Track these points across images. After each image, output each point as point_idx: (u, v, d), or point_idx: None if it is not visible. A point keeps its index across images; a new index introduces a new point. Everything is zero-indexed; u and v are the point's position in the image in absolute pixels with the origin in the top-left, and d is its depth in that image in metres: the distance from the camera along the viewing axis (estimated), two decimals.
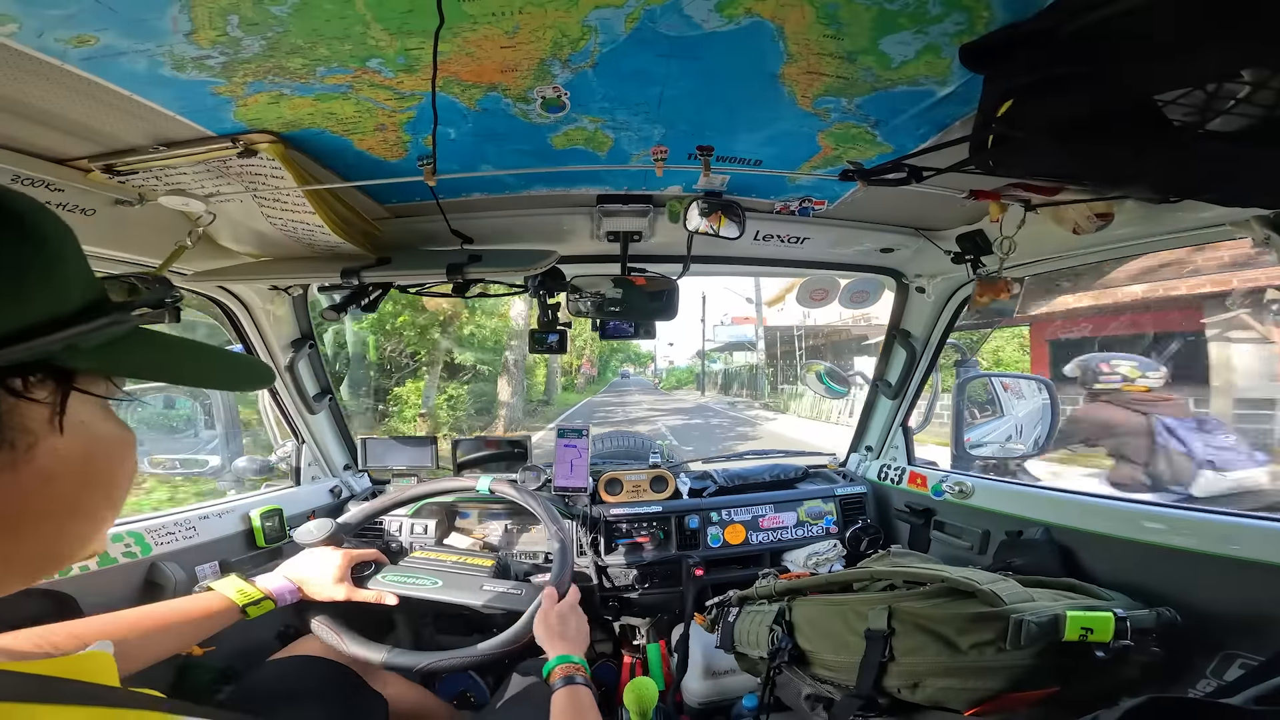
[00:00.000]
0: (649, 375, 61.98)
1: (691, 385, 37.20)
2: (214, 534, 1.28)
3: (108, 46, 0.59)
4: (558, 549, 1.17)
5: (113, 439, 0.37)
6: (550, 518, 1.23)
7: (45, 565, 0.36)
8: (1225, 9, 0.52)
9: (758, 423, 15.17)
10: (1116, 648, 0.74)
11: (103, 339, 0.34)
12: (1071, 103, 0.65)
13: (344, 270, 1.17)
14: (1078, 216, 1.05)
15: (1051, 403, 1.86)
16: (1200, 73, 0.60)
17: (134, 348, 0.37)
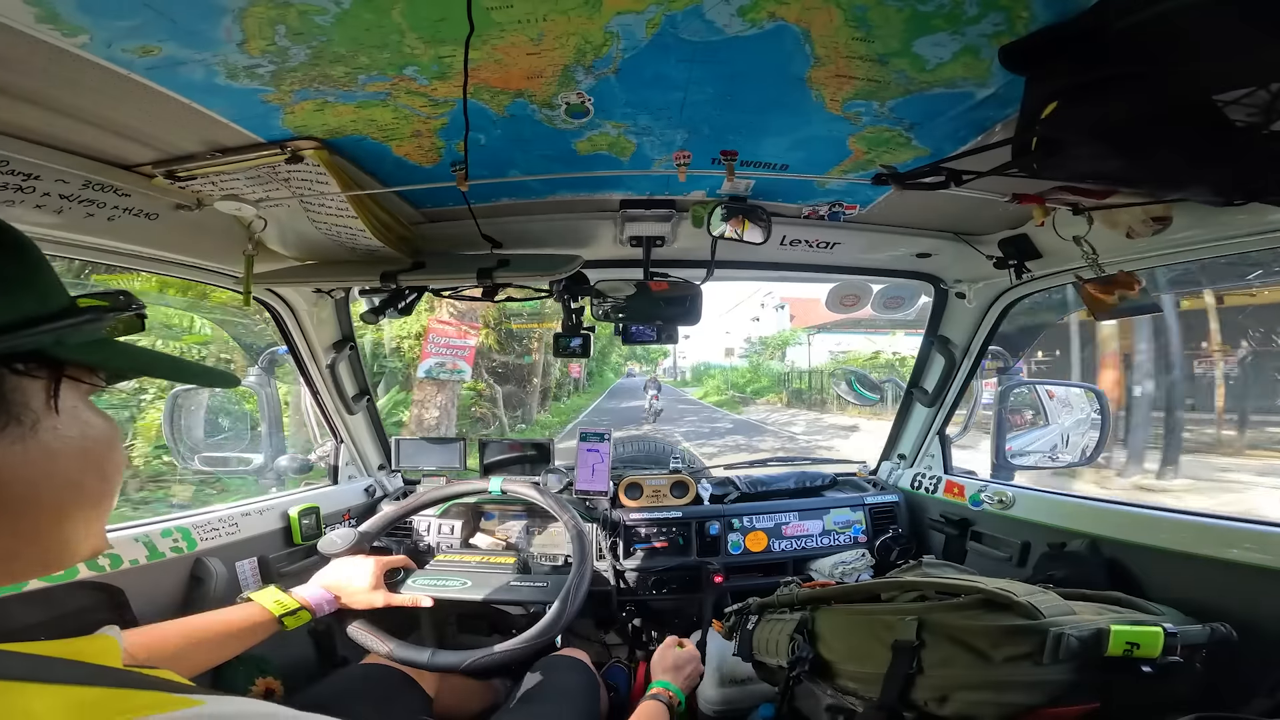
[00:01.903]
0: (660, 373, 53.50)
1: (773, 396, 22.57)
2: (254, 530, 1.33)
3: (169, 56, 0.63)
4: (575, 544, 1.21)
5: (101, 427, 0.43)
6: (559, 507, 1.26)
7: (56, 552, 0.40)
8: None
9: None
10: (1164, 664, 0.70)
11: (84, 337, 0.40)
12: (1121, 104, 0.63)
13: (383, 274, 1.22)
14: (1132, 220, 0.99)
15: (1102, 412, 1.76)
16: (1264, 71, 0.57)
17: (112, 348, 0.43)
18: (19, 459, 0.36)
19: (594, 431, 1.69)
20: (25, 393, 0.37)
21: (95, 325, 0.41)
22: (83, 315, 0.40)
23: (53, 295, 0.40)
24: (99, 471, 0.42)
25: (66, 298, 0.41)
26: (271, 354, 1.68)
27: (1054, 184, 0.97)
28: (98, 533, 0.43)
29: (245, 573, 1.28)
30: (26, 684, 0.30)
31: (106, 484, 0.43)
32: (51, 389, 0.38)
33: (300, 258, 1.31)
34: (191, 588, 1.15)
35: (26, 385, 0.37)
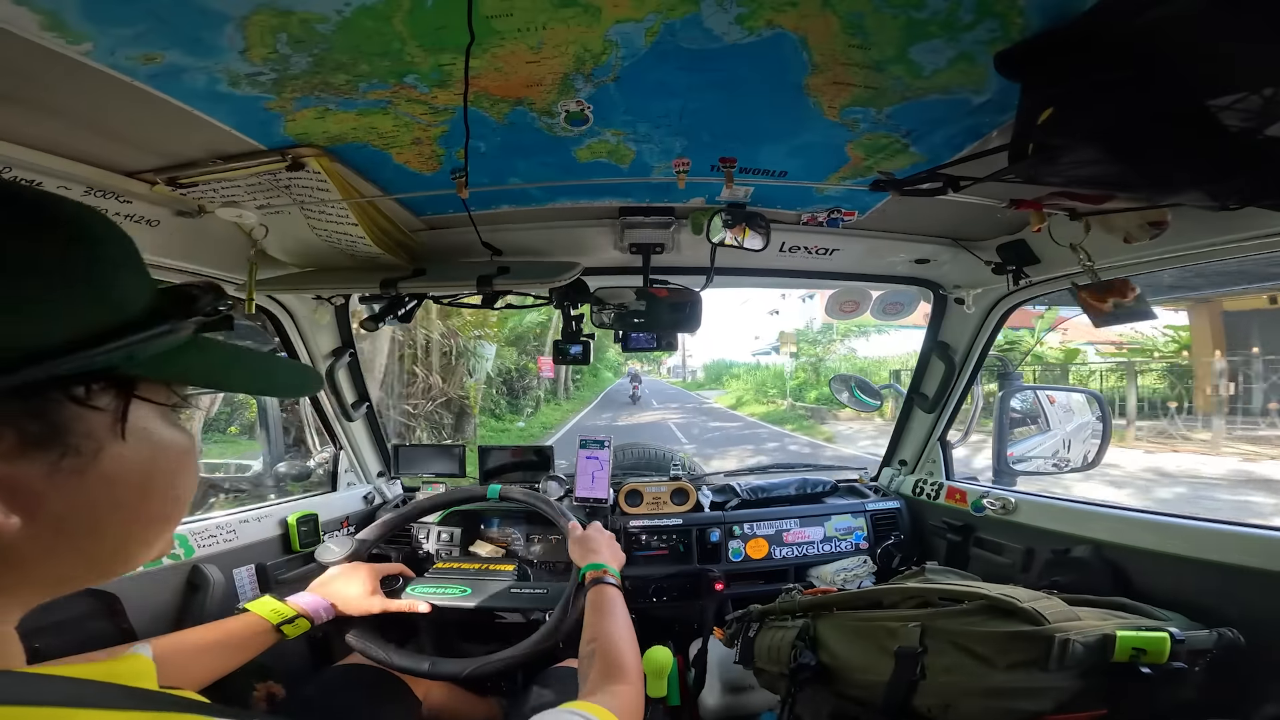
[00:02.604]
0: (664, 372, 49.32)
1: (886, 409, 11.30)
2: (252, 537, 1.33)
3: (172, 64, 0.64)
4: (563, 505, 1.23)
5: (174, 445, 0.37)
6: (558, 512, 1.26)
7: (114, 567, 0.37)
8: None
9: None
10: (1171, 669, 0.70)
11: (161, 347, 0.34)
12: (1116, 110, 0.63)
13: (383, 281, 1.22)
14: (1129, 225, 1.00)
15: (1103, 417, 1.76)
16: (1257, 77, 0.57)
17: (191, 355, 0.37)
18: (76, 490, 0.32)
19: (594, 439, 1.69)
20: (87, 420, 0.32)
21: (176, 336, 0.34)
22: (160, 326, 0.33)
23: (129, 299, 0.33)
24: (169, 492, 0.38)
25: (145, 300, 0.35)
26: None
27: (1051, 189, 0.98)
28: (164, 543, 0.40)
29: (243, 580, 1.28)
30: (71, 710, 0.29)
31: (178, 502, 0.39)
32: (120, 412, 0.33)
33: (301, 264, 1.32)
34: (188, 595, 1.15)
35: (88, 413, 0.32)
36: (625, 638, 0.85)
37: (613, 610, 0.91)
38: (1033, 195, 1.01)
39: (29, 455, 0.30)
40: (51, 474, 0.31)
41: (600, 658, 0.78)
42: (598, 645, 0.81)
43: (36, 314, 0.29)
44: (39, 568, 0.32)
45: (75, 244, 0.31)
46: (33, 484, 0.30)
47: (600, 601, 0.93)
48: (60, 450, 0.31)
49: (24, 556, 0.31)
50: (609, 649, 0.80)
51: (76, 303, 0.31)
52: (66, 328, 0.30)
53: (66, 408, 0.31)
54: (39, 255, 0.30)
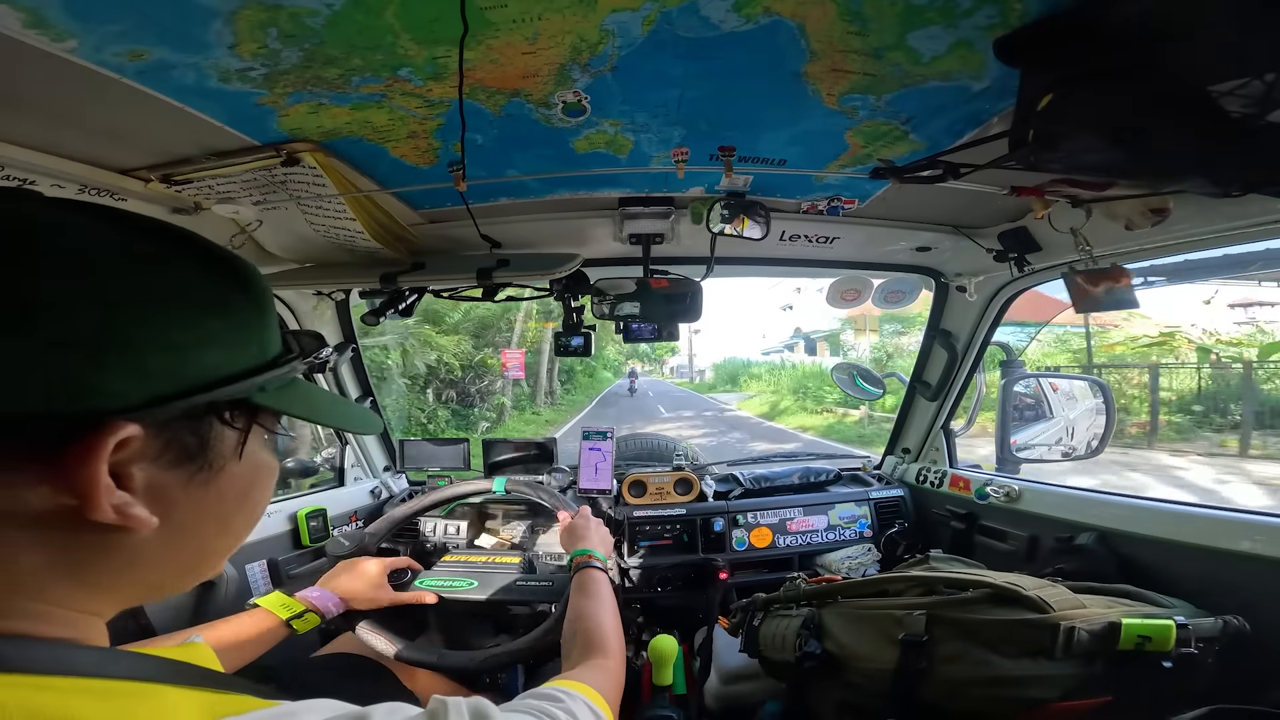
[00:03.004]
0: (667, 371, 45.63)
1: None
2: (263, 533, 1.34)
3: (160, 60, 0.63)
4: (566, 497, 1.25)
5: (267, 467, 0.43)
6: (561, 503, 1.27)
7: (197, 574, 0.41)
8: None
9: None
10: (1177, 656, 0.71)
11: (279, 383, 0.40)
12: (1116, 96, 0.62)
13: (383, 275, 1.22)
14: (1130, 212, 0.99)
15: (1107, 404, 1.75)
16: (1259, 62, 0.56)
17: (295, 391, 0.43)
18: (198, 500, 0.37)
19: (596, 430, 1.70)
20: (224, 439, 0.37)
21: (294, 373, 0.41)
22: (287, 364, 0.40)
23: (272, 341, 0.40)
24: (252, 510, 0.43)
25: (280, 343, 0.41)
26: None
27: (1052, 176, 0.97)
28: (227, 554, 0.44)
29: (256, 575, 1.29)
30: (166, 686, 0.33)
31: (253, 518, 0.44)
32: (244, 435, 0.39)
33: (299, 260, 1.32)
34: (203, 590, 1.16)
35: (227, 433, 0.38)
36: (607, 617, 0.86)
37: (596, 591, 0.93)
38: (1034, 182, 1.00)
39: (180, 466, 0.35)
40: (187, 484, 0.36)
41: (582, 636, 0.81)
42: (579, 624, 0.84)
43: (218, 350, 0.35)
44: (148, 569, 0.37)
45: (254, 296, 0.38)
46: (173, 491, 0.35)
47: (584, 583, 0.95)
48: (200, 464, 0.36)
49: (145, 556, 0.35)
50: (590, 627, 0.82)
51: (244, 343, 0.37)
52: (233, 362, 0.36)
53: (215, 428, 0.37)
54: (233, 304, 0.37)
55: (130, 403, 0.31)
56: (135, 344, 0.31)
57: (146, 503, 0.33)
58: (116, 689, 0.31)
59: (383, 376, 8.66)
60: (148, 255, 0.34)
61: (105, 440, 0.30)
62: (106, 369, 0.30)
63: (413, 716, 0.38)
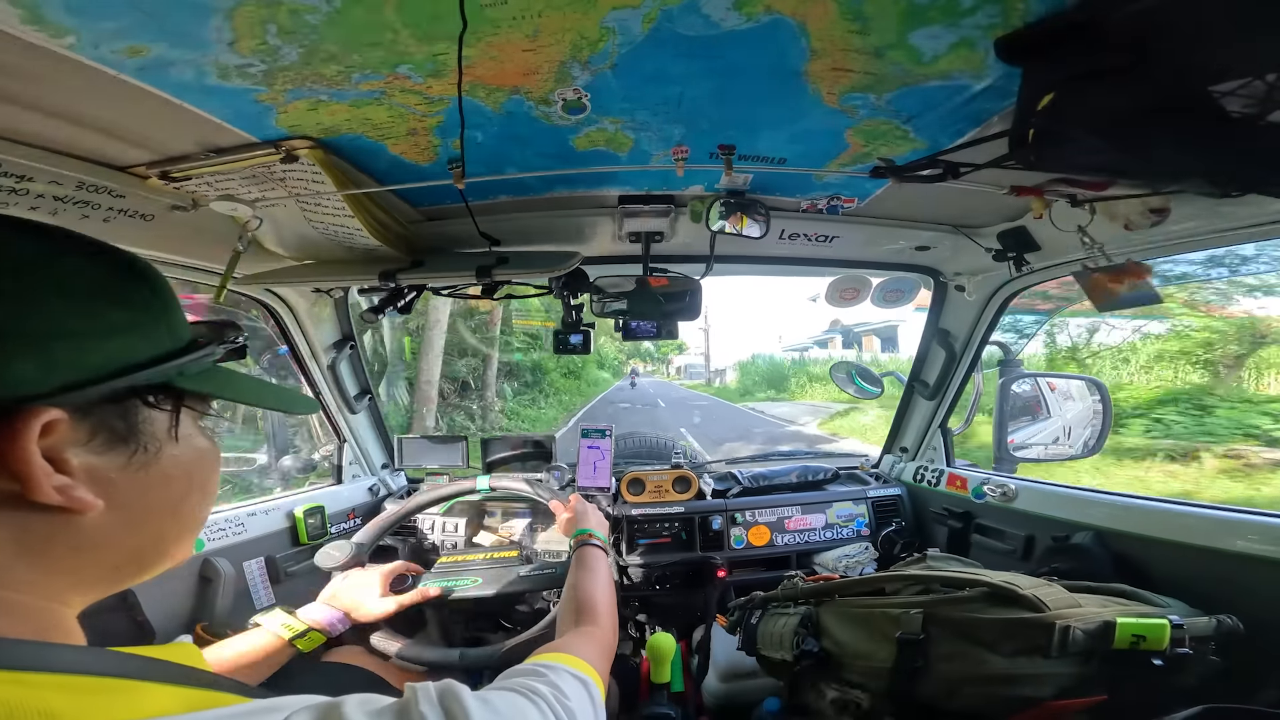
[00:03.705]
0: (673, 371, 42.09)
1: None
2: (261, 531, 1.34)
3: (158, 57, 0.63)
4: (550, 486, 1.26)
5: (207, 450, 0.46)
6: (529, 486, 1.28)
7: (149, 563, 0.43)
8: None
9: None
10: (1171, 656, 0.71)
11: (199, 368, 0.43)
12: (1117, 95, 0.62)
13: (382, 273, 1.21)
14: (1129, 211, 0.99)
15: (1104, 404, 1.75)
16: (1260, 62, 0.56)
17: (218, 375, 0.46)
18: (142, 484, 0.39)
19: (595, 428, 1.70)
20: (153, 422, 0.40)
21: (211, 357, 0.44)
22: (204, 348, 0.43)
23: (181, 328, 0.43)
24: (203, 492, 0.45)
25: (189, 330, 0.44)
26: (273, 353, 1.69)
27: (1052, 176, 0.97)
28: (190, 542, 0.47)
29: (253, 572, 1.29)
30: (148, 683, 0.34)
31: (207, 503, 0.47)
32: (174, 418, 0.42)
33: (298, 257, 1.31)
34: (200, 588, 1.16)
35: (155, 415, 0.40)
36: (601, 586, 0.91)
37: (593, 565, 0.97)
38: (1033, 182, 1.00)
39: (114, 449, 0.38)
40: (125, 467, 0.38)
41: (574, 603, 0.85)
42: (572, 592, 0.88)
43: (125, 337, 0.38)
44: (98, 554, 0.38)
45: (154, 287, 0.41)
46: (112, 474, 0.37)
47: (582, 558, 1.00)
48: (135, 447, 0.39)
49: (98, 538, 0.38)
50: (583, 595, 0.86)
51: (151, 331, 0.40)
52: (149, 348, 0.39)
53: (141, 411, 0.39)
54: (132, 294, 0.39)
55: (41, 389, 0.33)
56: (36, 334, 0.33)
57: (88, 486, 0.36)
58: (94, 685, 0.32)
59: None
60: (37, 254, 0.36)
61: (27, 424, 0.32)
62: (13, 358, 0.32)
63: (385, 705, 0.39)
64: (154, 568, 0.43)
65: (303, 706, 0.36)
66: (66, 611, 0.38)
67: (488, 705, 0.41)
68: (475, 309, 11.36)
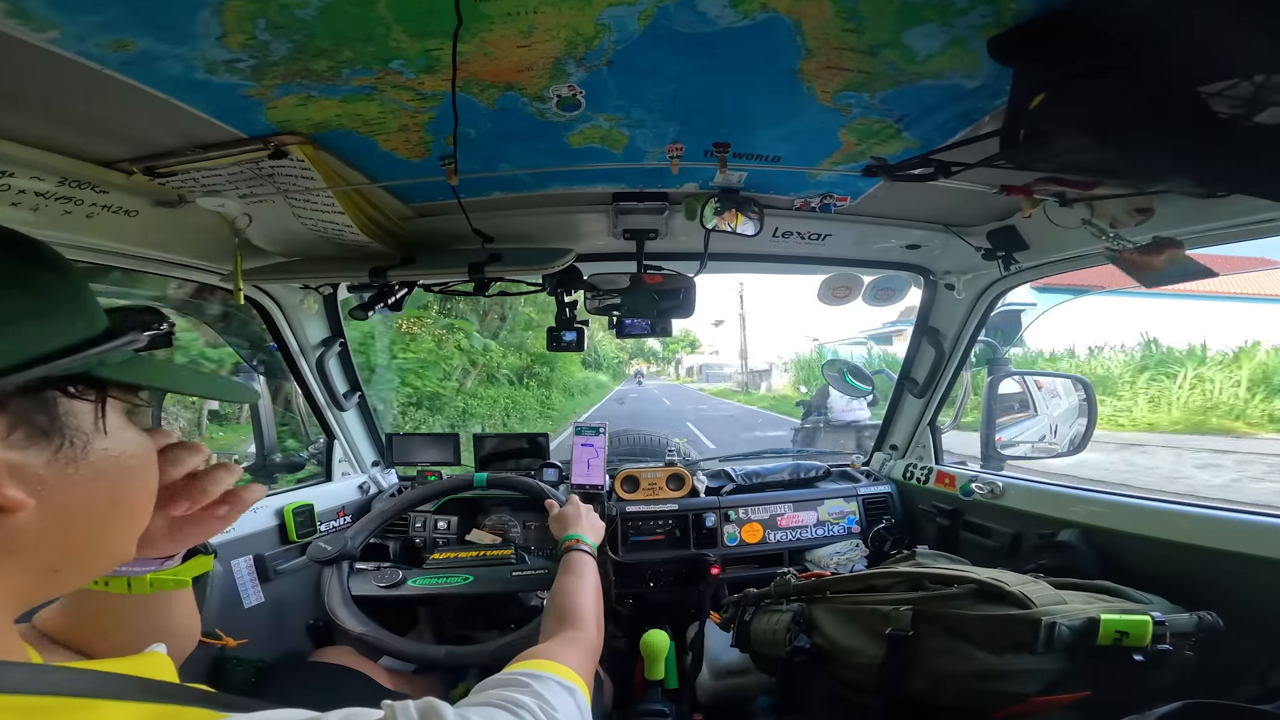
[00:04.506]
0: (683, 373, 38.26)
1: None
2: (249, 528, 1.32)
3: (145, 51, 0.61)
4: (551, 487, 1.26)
5: (141, 442, 0.44)
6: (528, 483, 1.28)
7: (94, 563, 0.42)
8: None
9: None
10: (1153, 652, 0.72)
11: (121, 357, 0.41)
12: (1108, 96, 0.63)
13: (372, 270, 1.20)
14: (1116, 210, 1.00)
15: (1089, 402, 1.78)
16: (1248, 63, 0.57)
17: (143, 365, 0.44)
18: (71, 480, 0.37)
19: (589, 425, 1.69)
20: (77, 415, 0.38)
21: (134, 345, 0.42)
22: (125, 336, 0.41)
23: (98, 316, 0.41)
24: (143, 486, 0.44)
25: (106, 318, 0.42)
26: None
27: (1041, 175, 0.98)
28: (133, 540, 0.45)
29: (241, 570, 1.27)
30: (104, 701, 0.32)
31: (148, 496, 0.45)
32: (99, 409, 0.39)
33: (287, 254, 1.29)
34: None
35: (78, 407, 0.38)
36: (586, 591, 0.89)
37: (578, 570, 0.96)
38: (1023, 181, 1.01)
39: (37, 444, 0.35)
40: (52, 463, 0.36)
41: (559, 609, 0.83)
42: (558, 598, 0.87)
43: (35, 325, 0.36)
44: (32, 554, 0.36)
45: (63, 273, 0.39)
46: (38, 470, 0.35)
47: (569, 563, 0.98)
48: (60, 441, 0.37)
49: (28, 540, 0.36)
50: (567, 600, 0.85)
51: (67, 318, 0.38)
52: (63, 337, 0.37)
53: (61, 404, 0.37)
54: (39, 281, 0.38)
55: None
56: None
57: (15, 484, 0.34)
58: (42, 705, 0.30)
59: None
60: None
61: None
62: None
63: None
64: (99, 567, 0.42)
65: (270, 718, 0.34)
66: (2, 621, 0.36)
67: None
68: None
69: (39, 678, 0.32)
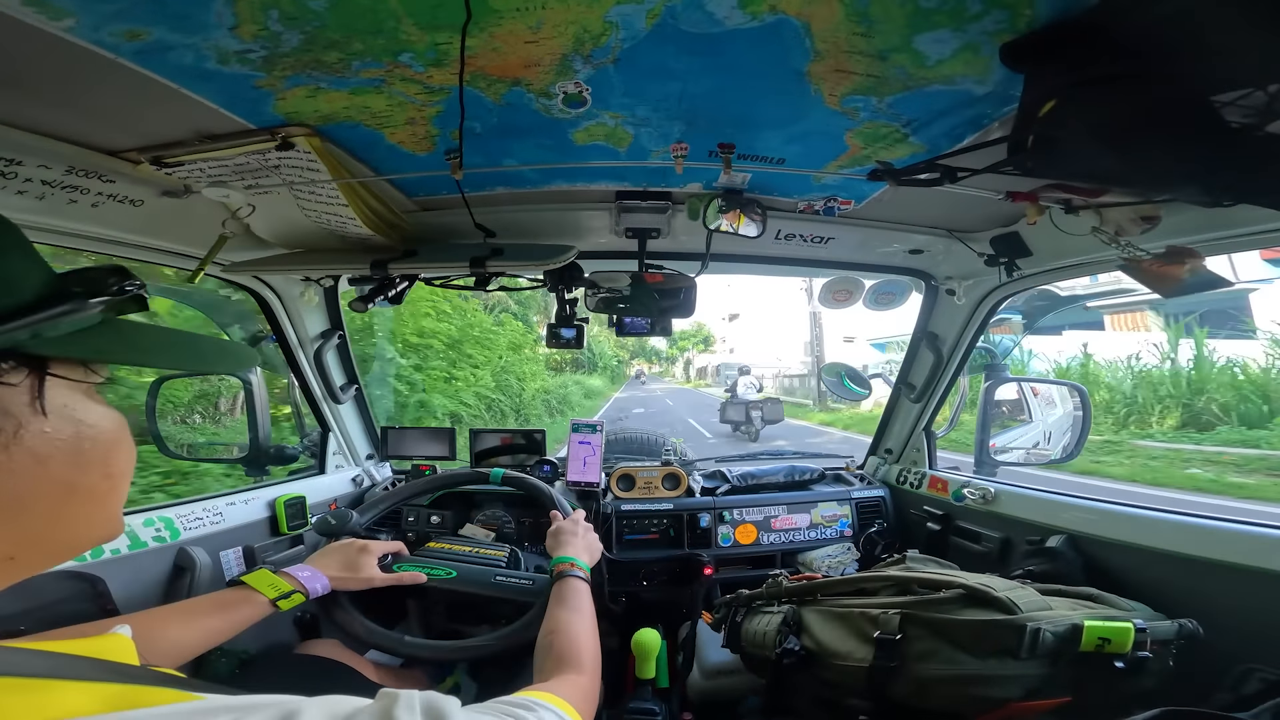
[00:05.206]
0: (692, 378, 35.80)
1: None
2: (239, 520, 1.32)
3: (158, 40, 0.61)
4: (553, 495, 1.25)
5: (101, 422, 0.39)
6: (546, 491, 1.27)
7: (58, 548, 0.39)
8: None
9: None
10: (1134, 659, 0.73)
11: (69, 327, 0.36)
12: (1119, 104, 0.63)
13: (374, 262, 1.20)
14: (1121, 218, 1.01)
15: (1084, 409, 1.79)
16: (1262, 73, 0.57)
17: (104, 335, 0.38)
18: (3, 468, 0.34)
19: (586, 423, 1.70)
20: (2, 398, 0.34)
21: (79, 315, 0.36)
22: (59, 306, 0.35)
23: (21, 281, 0.35)
24: (102, 469, 0.40)
25: (41, 283, 0.36)
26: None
27: (1048, 182, 0.98)
28: (105, 521, 0.42)
29: (230, 562, 1.27)
30: (48, 681, 0.31)
31: (111, 480, 0.41)
32: (35, 389, 0.35)
33: (289, 245, 1.29)
34: (174, 577, 1.14)
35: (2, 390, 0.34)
36: (584, 629, 0.84)
37: (574, 603, 0.90)
38: (1029, 187, 1.01)
39: None
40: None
41: (556, 649, 0.78)
42: (554, 637, 0.81)
43: None
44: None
45: None
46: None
47: (564, 593, 0.93)
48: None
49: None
50: (565, 640, 0.80)
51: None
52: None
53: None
54: None
55: None
56: None
57: None
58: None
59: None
60: None
61: None
62: None
63: (356, 708, 0.36)
64: (66, 552, 0.39)
65: (251, 704, 0.33)
66: None
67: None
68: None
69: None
